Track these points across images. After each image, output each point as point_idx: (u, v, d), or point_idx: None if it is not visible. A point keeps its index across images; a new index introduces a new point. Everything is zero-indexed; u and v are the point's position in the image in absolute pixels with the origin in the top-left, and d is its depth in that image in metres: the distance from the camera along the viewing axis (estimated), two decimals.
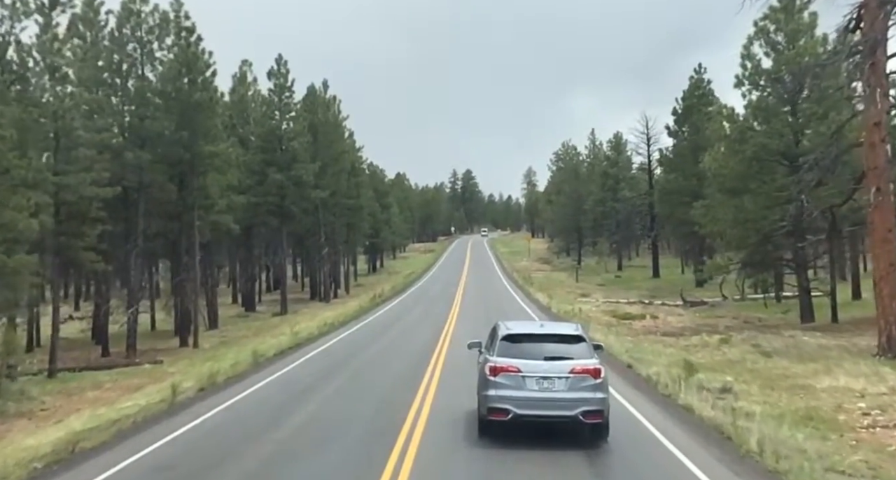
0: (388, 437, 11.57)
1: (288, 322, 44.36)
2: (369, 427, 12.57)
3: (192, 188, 34.81)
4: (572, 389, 11.02)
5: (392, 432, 11.91)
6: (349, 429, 12.40)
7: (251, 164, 49.43)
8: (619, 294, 62.50)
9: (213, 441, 11.85)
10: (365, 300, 51.23)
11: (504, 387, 11.09)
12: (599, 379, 11.20)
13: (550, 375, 11.09)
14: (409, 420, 12.91)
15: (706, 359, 23.19)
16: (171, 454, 11.11)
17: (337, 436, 11.89)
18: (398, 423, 12.57)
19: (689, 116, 61.90)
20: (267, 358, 22.37)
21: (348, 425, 12.74)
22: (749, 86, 33.40)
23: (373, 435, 11.92)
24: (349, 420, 13.10)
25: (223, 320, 49.31)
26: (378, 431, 12.18)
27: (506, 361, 11.27)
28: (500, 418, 11.10)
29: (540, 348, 11.56)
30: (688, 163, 61.35)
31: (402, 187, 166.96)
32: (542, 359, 11.27)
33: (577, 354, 11.47)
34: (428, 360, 20.71)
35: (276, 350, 24.29)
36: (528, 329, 12.93)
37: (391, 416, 13.26)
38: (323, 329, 32.17)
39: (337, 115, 63.09)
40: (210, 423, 13.31)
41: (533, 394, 11.03)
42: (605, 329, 31.77)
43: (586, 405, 10.95)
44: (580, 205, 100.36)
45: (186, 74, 33.45)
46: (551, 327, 13.58)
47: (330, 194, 60.03)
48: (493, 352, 11.70)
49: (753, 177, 32.83)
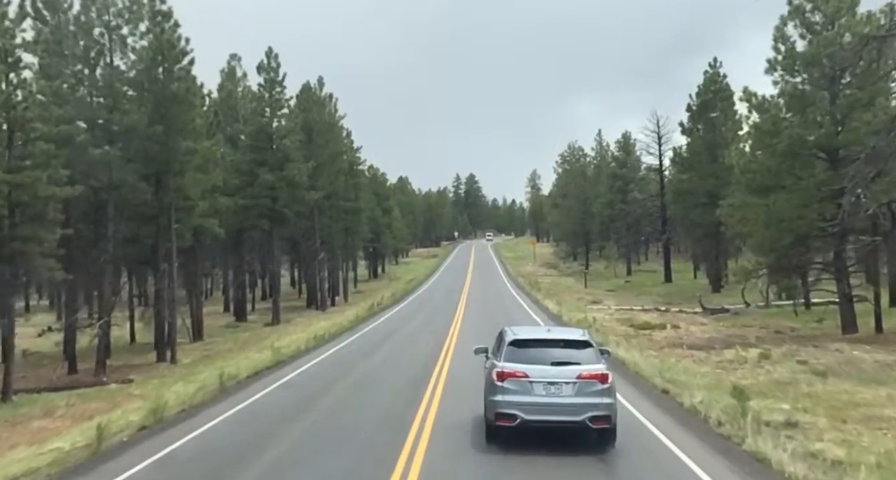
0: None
1: (279, 333, 41.25)
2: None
3: (168, 188, 31.69)
4: (580, 394, 10.99)
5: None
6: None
7: (240, 164, 46.34)
8: (631, 300, 59.26)
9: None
10: (362, 309, 48.06)
11: (511, 393, 11.04)
12: (607, 384, 11.15)
13: (558, 380, 11.03)
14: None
15: (750, 380, 19.96)
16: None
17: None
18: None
19: (704, 113, 58.68)
20: (239, 381, 19.20)
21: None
22: (782, 73, 30.17)
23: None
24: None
25: (211, 331, 46.18)
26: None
27: (513, 366, 11.23)
28: (508, 423, 11.02)
29: (547, 353, 11.51)
30: (703, 161, 58.15)
31: (405, 191, 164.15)
32: (550, 364, 11.23)
33: (585, 359, 11.42)
34: (424, 386, 17.48)
35: (253, 370, 21.15)
36: (534, 334, 12.82)
37: None
38: (311, 343, 29.02)
39: (333, 114, 60.02)
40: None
41: (540, 400, 10.98)
42: (625, 341, 28.57)
43: (594, 410, 10.91)
44: (587, 208, 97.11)
45: (161, 63, 30.36)
46: (558, 332, 13.68)
47: (326, 196, 56.95)
48: (500, 358, 11.64)
49: (787, 173, 29.58)
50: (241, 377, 19.55)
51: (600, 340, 28.41)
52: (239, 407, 15.59)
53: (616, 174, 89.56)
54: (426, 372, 19.86)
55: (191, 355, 35.05)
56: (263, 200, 47.35)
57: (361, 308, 48.76)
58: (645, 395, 16.91)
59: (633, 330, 34.71)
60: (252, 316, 54.03)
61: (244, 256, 49.40)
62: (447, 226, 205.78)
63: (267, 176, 46.17)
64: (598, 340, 29.28)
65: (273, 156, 47.47)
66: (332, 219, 60.53)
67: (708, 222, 57.78)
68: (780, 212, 28.70)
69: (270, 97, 47.96)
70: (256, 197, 46.94)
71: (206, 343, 40.02)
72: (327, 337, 31.77)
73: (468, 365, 20.05)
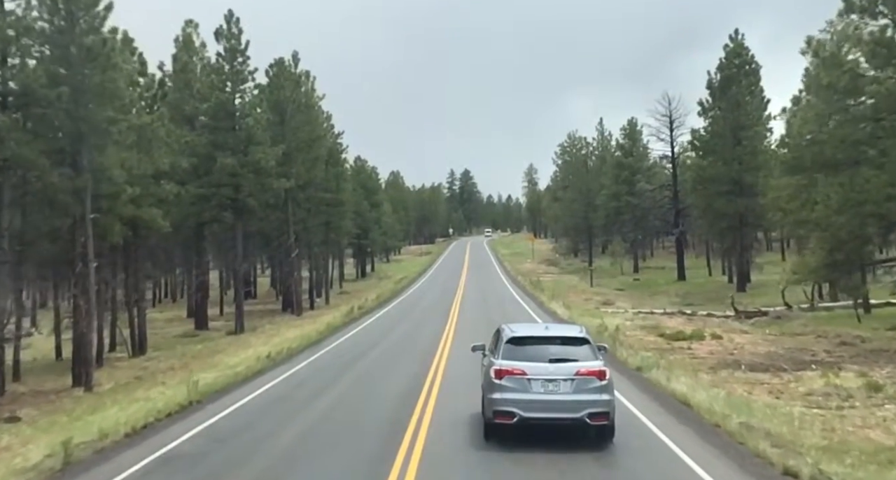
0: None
1: (237, 345, 34.68)
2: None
3: (82, 168, 25.01)
4: (578, 391, 10.97)
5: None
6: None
7: (196, 147, 39.62)
8: (646, 301, 52.76)
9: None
10: (340, 315, 41.47)
11: (509, 390, 10.99)
12: (605, 381, 11.12)
13: (556, 377, 11.01)
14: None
15: (878, 431, 13.53)
16: None
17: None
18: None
19: (727, 89, 52.10)
20: (114, 441, 12.53)
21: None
22: (859, 15, 23.68)
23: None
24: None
25: (162, 342, 39.56)
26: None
27: (511, 364, 11.18)
28: (506, 421, 10.97)
29: (545, 350, 11.45)
30: (727, 144, 51.65)
31: (397, 186, 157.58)
32: (547, 362, 11.19)
33: (582, 356, 11.37)
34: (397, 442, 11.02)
35: (154, 412, 14.56)
36: (532, 331, 12.74)
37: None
38: (258, 365, 22.40)
39: (311, 94, 53.28)
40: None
41: (538, 397, 10.95)
42: (661, 358, 22.06)
43: (592, 407, 10.90)
44: (591, 201, 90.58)
45: (68, 7, 23.69)
46: (556, 329, 13.69)
47: (301, 186, 50.26)
48: (497, 356, 11.57)
49: (871, 144, 23.13)
50: (120, 435, 12.86)
51: (629, 357, 22.11)
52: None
53: (621, 163, 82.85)
54: (403, 413, 13.58)
55: (121, 375, 28.44)
56: (224, 189, 40.62)
57: (340, 313, 42.14)
58: (730, 461, 10.58)
59: (666, 342, 28.18)
60: (218, 323, 47.32)
61: (203, 254, 42.61)
62: (442, 223, 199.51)
63: (227, 160, 39.47)
64: (627, 356, 22.93)
65: (235, 137, 40.74)
66: (309, 212, 53.82)
67: (733, 212, 51.42)
68: (865, 192, 22.22)
69: (231, 69, 41.21)
70: (216, 185, 40.25)
71: (149, 358, 33.35)
72: (284, 354, 25.17)
73: (463, 404, 13.61)
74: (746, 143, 51.09)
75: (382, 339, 28.77)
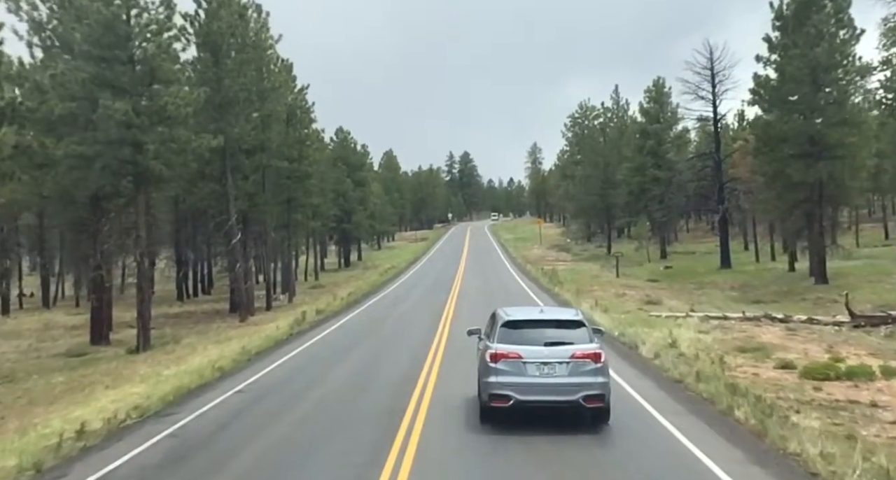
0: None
1: (115, 377, 22.73)
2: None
3: None
4: (573, 374, 10.93)
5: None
6: None
7: (70, 85, 27.43)
8: (695, 296, 40.65)
9: None
10: (290, 322, 29.48)
11: (505, 374, 10.97)
12: (600, 364, 11.08)
13: (551, 360, 10.96)
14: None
15: None
16: None
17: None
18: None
19: (802, 21, 39.67)
20: None
21: None
22: None
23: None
24: None
25: (33, 365, 27.61)
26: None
27: (506, 347, 11.13)
28: (502, 404, 10.95)
29: (540, 333, 11.36)
30: (806, 92, 39.37)
31: (391, 167, 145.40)
32: (543, 345, 11.11)
33: (578, 339, 11.26)
34: None
35: None
36: (527, 315, 12.43)
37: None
38: (61, 448, 10.42)
39: (260, 32, 40.99)
40: None
41: (534, 380, 10.93)
42: (846, 444, 10.13)
43: (588, 389, 10.87)
44: (608, 177, 78.33)
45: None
46: (551, 312, 13.37)
47: (246, 151, 38.22)
48: (493, 339, 11.47)
49: None
50: None
51: None
52: None
53: (646, 131, 70.13)
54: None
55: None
56: (117, 147, 28.47)
57: (287, 322, 30.00)
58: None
59: (811, 385, 16.05)
60: (128, 333, 35.25)
61: (99, 240, 30.51)
62: (440, 208, 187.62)
63: (116, 104, 27.24)
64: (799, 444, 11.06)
65: (128, 72, 28.52)
66: (261, 186, 41.69)
67: (812, 180, 39.30)
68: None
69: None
70: (102, 141, 28.06)
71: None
72: (182, 392, 13.41)
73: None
74: (831, 89, 38.85)
75: (343, 357, 16.61)
